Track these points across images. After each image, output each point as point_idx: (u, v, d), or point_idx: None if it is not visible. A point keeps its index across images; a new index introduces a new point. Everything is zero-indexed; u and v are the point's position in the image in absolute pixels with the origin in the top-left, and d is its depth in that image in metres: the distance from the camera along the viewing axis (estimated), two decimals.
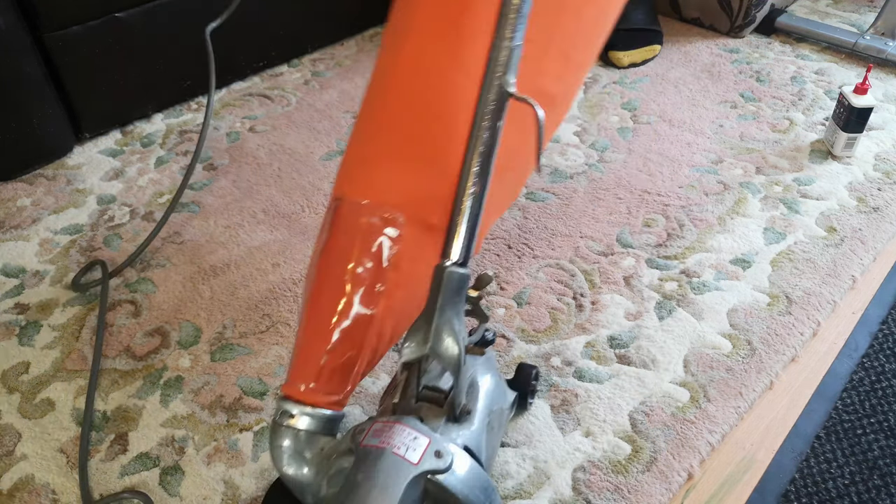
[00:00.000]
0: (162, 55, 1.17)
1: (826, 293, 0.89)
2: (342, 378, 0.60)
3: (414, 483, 0.52)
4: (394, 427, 0.55)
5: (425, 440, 0.54)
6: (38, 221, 1.02)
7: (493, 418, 0.62)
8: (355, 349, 0.60)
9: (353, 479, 0.53)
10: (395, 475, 0.52)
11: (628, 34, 1.35)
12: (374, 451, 0.53)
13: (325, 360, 0.59)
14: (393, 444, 0.54)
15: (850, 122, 1.07)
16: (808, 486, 0.71)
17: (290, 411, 0.58)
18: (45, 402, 0.79)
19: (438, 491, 0.53)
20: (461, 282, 0.54)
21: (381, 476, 0.52)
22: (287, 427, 0.58)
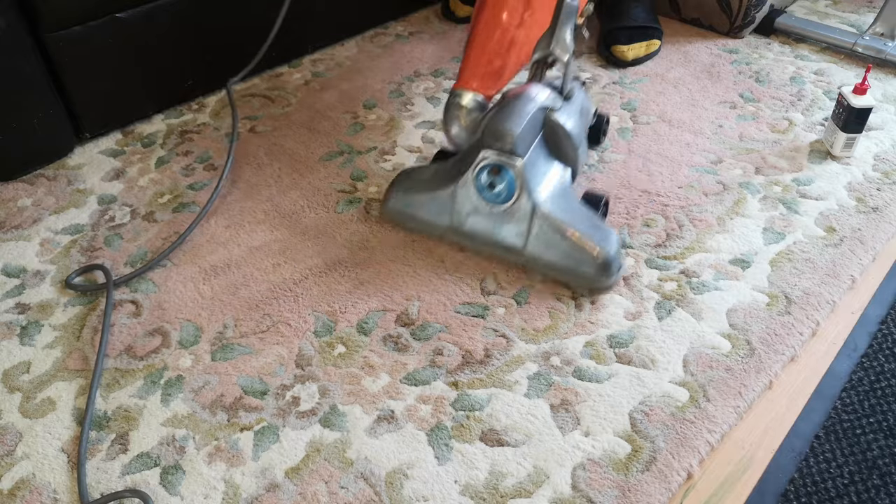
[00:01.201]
0: (162, 55, 1.17)
1: (825, 293, 0.89)
2: (495, 80, 0.94)
3: (538, 113, 0.88)
4: (529, 85, 0.91)
5: (548, 91, 0.91)
6: (39, 221, 1.02)
7: (583, 109, 0.99)
8: (504, 61, 0.94)
9: (503, 103, 0.88)
10: (525, 103, 0.88)
11: (630, 31, 1.35)
12: (516, 93, 0.89)
13: (486, 67, 0.93)
14: (529, 89, 0.90)
15: (849, 122, 1.07)
16: (807, 485, 0.71)
17: (459, 94, 0.93)
18: (46, 402, 0.79)
19: (554, 124, 0.90)
20: (573, 7, 0.87)
21: (518, 104, 0.87)
22: (457, 104, 0.93)
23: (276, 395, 0.79)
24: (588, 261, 0.86)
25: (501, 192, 0.86)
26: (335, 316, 0.88)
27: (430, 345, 0.84)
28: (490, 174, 0.86)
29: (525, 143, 0.86)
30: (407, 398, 0.78)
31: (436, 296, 0.90)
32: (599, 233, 0.87)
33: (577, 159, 0.93)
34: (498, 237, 0.89)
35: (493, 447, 0.74)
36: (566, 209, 0.88)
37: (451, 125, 0.93)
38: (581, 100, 0.98)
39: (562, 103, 0.91)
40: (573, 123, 0.91)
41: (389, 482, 0.71)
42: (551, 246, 0.87)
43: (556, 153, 0.91)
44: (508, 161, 0.85)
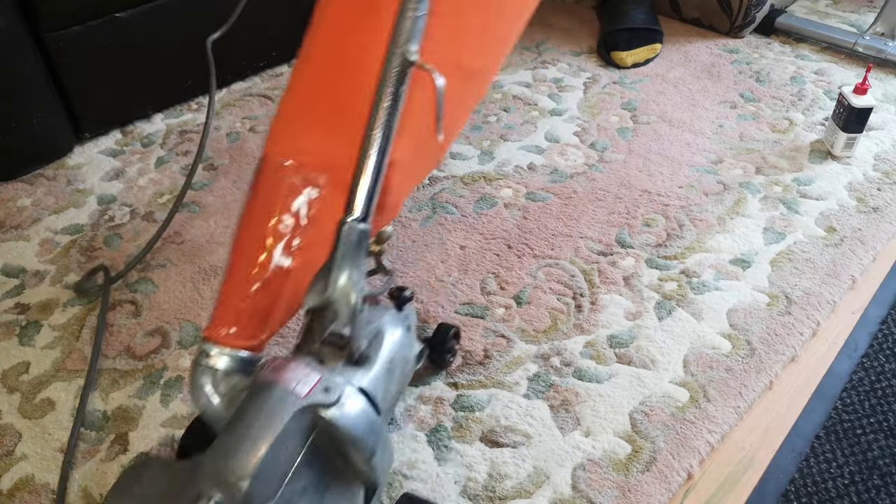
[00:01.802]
0: (162, 55, 1.17)
1: (826, 293, 0.89)
2: (260, 324, 0.64)
3: (300, 415, 0.55)
4: (288, 364, 0.58)
5: (316, 376, 0.57)
6: (39, 221, 1.02)
7: (395, 366, 0.66)
8: (272, 298, 0.64)
9: (243, 408, 0.56)
10: (281, 406, 0.55)
11: (630, 34, 1.35)
12: (266, 384, 0.57)
13: (245, 307, 0.63)
14: (284, 379, 0.57)
15: (849, 122, 1.07)
16: (807, 485, 0.71)
17: (209, 352, 0.62)
18: (46, 402, 0.79)
19: (327, 426, 0.56)
20: (361, 235, 0.59)
21: (269, 405, 0.55)
22: (206, 367, 0.61)
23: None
24: None
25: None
26: None
27: None
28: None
29: (272, 480, 0.55)
30: (407, 398, 0.78)
31: (436, 296, 0.90)
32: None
33: (374, 469, 0.59)
34: None
35: (492, 448, 0.74)
36: None
37: (199, 395, 0.61)
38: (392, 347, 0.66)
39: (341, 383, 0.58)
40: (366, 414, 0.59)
41: (389, 482, 0.71)
42: None
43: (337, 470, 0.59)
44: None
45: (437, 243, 0.97)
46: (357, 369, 0.62)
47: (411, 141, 0.61)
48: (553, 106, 1.24)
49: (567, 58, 1.37)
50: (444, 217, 1.01)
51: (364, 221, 0.59)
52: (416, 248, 0.97)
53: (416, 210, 1.03)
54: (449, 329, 0.79)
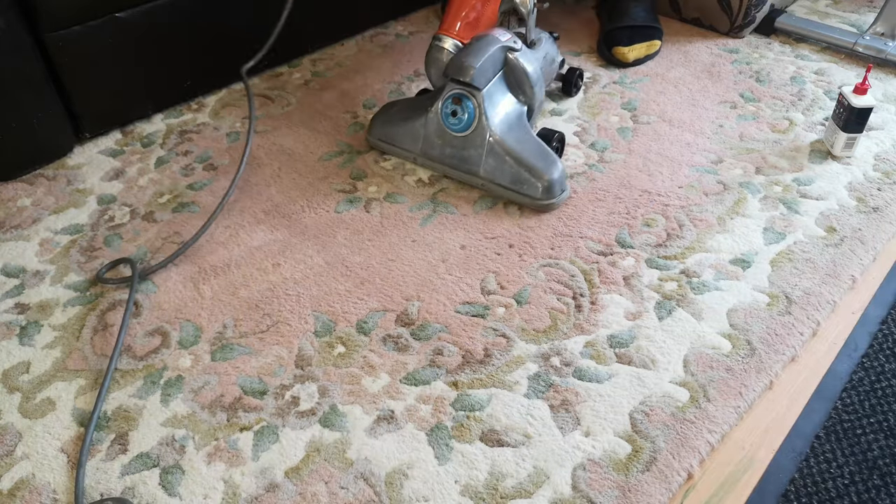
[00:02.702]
0: (162, 55, 1.17)
1: (826, 293, 0.89)
2: (472, 29, 1.06)
3: (500, 49, 1.03)
4: (496, 30, 1.05)
5: (511, 35, 1.05)
6: (39, 221, 1.02)
7: (548, 58, 1.15)
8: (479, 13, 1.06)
9: (471, 43, 1.03)
10: (492, 41, 1.02)
11: (631, 31, 1.35)
12: (483, 34, 1.04)
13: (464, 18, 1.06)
14: (493, 32, 1.04)
15: (849, 122, 1.07)
16: (807, 485, 0.71)
17: (443, 39, 1.05)
18: (46, 402, 0.79)
19: (514, 60, 1.04)
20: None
21: (485, 41, 1.02)
22: (440, 48, 1.05)
23: (276, 395, 0.79)
24: (533, 183, 0.99)
25: (462, 120, 1.00)
26: (335, 316, 0.88)
27: (429, 345, 0.84)
28: (453, 104, 1.00)
29: (484, 77, 1.00)
30: (407, 398, 0.78)
31: (436, 296, 0.90)
32: (545, 160, 1.00)
33: (534, 97, 1.05)
34: (459, 161, 1.03)
35: (493, 447, 0.74)
36: (518, 138, 1.02)
37: (432, 66, 1.06)
38: (547, 49, 1.13)
39: (523, 47, 1.05)
40: (533, 65, 1.04)
41: (389, 482, 0.71)
42: (502, 169, 1.01)
43: (514, 89, 1.05)
44: (469, 92, 1.00)
45: (437, 243, 0.97)
46: (531, 50, 1.08)
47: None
48: (553, 106, 1.24)
49: (567, 57, 1.36)
50: (444, 217, 1.01)
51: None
52: (416, 247, 0.97)
53: (416, 210, 1.03)
54: (576, 70, 1.24)
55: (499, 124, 1.01)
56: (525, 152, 1.00)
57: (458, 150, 1.03)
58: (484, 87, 1.00)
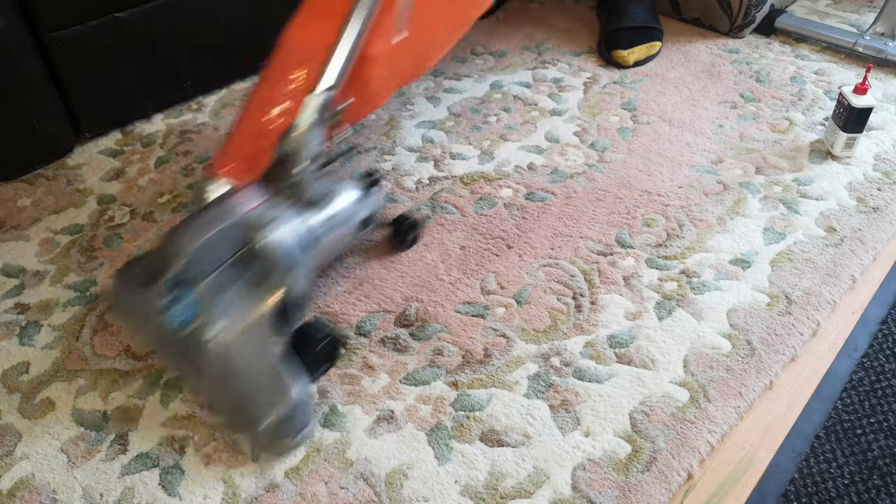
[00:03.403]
0: (162, 55, 1.17)
1: (826, 293, 0.89)
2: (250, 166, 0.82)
3: (237, 225, 0.73)
4: (243, 190, 0.77)
5: (259, 202, 0.75)
6: (39, 221, 1.02)
7: (337, 221, 0.84)
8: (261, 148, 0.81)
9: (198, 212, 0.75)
10: (224, 214, 0.73)
11: (630, 32, 1.35)
12: (221, 198, 0.76)
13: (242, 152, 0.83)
14: (235, 198, 0.75)
15: (849, 122, 1.07)
16: (807, 485, 0.71)
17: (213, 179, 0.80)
18: (46, 402, 0.79)
19: (258, 245, 0.73)
20: (322, 105, 0.77)
21: (215, 212, 0.74)
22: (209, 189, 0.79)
23: None
24: (253, 417, 0.72)
25: (177, 315, 0.72)
26: (335, 316, 0.87)
27: (429, 345, 0.84)
28: (167, 290, 0.73)
29: (206, 263, 0.71)
30: (407, 398, 0.78)
31: (435, 296, 0.90)
32: (273, 392, 0.72)
33: (290, 286, 0.75)
34: (184, 366, 0.77)
35: (493, 447, 0.74)
36: (250, 353, 0.72)
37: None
38: (340, 207, 0.83)
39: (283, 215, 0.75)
40: (289, 244, 0.74)
41: (389, 482, 0.71)
42: (222, 391, 0.75)
43: (257, 279, 0.74)
44: (185, 282, 0.71)
45: (436, 243, 0.97)
46: (304, 210, 0.79)
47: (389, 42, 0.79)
48: (553, 106, 1.24)
49: (567, 58, 1.37)
50: (444, 217, 1.01)
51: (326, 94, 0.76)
52: (415, 247, 0.97)
53: (416, 210, 1.03)
54: (406, 219, 0.95)
55: (225, 329, 0.71)
56: (252, 375, 0.72)
57: (180, 349, 0.74)
58: (204, 278, 0.71)
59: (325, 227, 0.81)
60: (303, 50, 0.83)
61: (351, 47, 0.77)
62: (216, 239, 0.72)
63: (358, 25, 0.77)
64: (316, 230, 0.80)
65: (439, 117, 1.21)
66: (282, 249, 0.74)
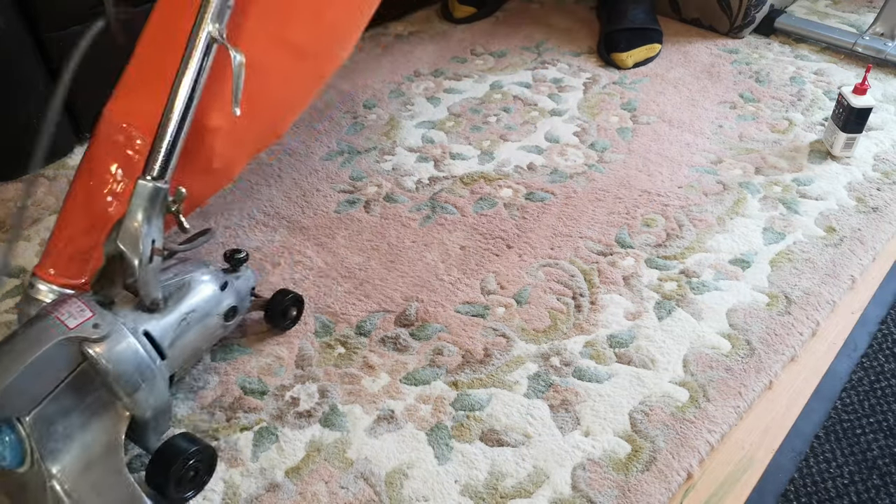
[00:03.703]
0: None
1: (825, 293, 0.89)
2: (81, 265, 0.72)
3: (64, 345, 0.62)
4: (68, 300, 0.65)
5: (89, 313, 0.64)
6: (39, 222, 1.02)
7: (195, 317, 0.72)
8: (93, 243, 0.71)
9: (14, 333, 0.63)
10: (45, 334, 0.62)
11: (630, 33, 1.35)
12: (42, 314, 0.64)
13: (68, 251, 0.72)
14: (58, 311, 0.64)
15: (849, 122, 1.07)
16: (807, 485, 0.71)
17: (36, 285, 0.71)
18: None
19: (90, 358, 0.63)
20: (153, 192, 0.65)
21: (34, 332, 0.63)
22: (34, 298, 0.71)
23: (276, 395, 0.79)
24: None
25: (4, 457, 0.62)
26: (335, 316, 0.88)
27: (429, 345, 0.84)
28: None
29: (26, 397, 0.62)
30: (407, 398, 0.78)
31: (435, 296, 0.90)
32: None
33: (137, 403, 0.65)
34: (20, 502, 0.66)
35: (493, 447, 0.74)
36: (100, 488, 0.64)
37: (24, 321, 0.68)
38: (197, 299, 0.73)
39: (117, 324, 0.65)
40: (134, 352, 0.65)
41: (389, 482, 0.71)
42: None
43: (98, 403, 0.65)
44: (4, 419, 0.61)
45: (437, 243, 0.97)
46: (148, 314, 0.68)
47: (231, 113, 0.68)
48: (553, 106, 1.24)
49: (567, 58, 1.37)
50: (444, 217, 1.02)
51: (159, 180, 0.65)
52: (416, 247, 0.97)
53: (416, 210, 1.03)
54: (285, 296, 0.84)
55: (63, 463, 0.63)
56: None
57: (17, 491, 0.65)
58: (33, 411, 0.62)
59: (177, 330, 0.70)
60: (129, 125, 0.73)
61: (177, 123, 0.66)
62: (38, 365, 0.61)
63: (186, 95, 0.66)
64: (166, 335, 0.69)
65: (439, 117, 1.21)
66: (124, 366, 0.64)
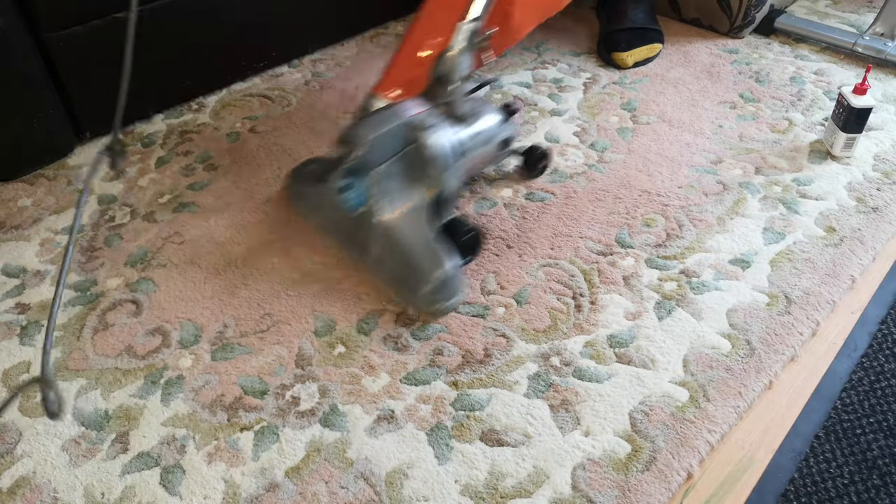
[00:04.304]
0: (162, 55, 1.17)
1: (825, 293, 0.89)
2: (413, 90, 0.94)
3: (404, 126, 0.88)
4: (412, 100, 0.91)
5: (422, 109, 0.90)
6: (39, 221, 1.02)
7: (481, 137, 0.97)
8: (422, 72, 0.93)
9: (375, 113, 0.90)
10: (394, 115, 0.88)
11: (630, 33, 1.35)
12: (391, 104, 0.91)
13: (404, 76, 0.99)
14: (403, 105, 0.90)
15: (849, 122, 1.07)
16: (807, 485, 0.71)
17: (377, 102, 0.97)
18: None
19: (420, 144, 0.87)
20: (470, 32, 0.88)
21: (388, 114, 0.89)
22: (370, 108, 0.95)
23: (276, 394, 0.79)
24: (412, 286, 0.87)
25: (352, 198, 0.89)
26: (335, 316, 0.88)
27: (430, 345, 0.84)
28: (344, 177, 0.89)
29: (379, 154, 0.87)
30: (407, 398, 0.78)
31: None
32: (430, 262, 0.86)
33: (442, 184, 0.89)
34: (349, 242, 0.93)
35: (493, 447, 0.74)
36: (410, 231, 0.88)
37: None
38: (484, 126, 0.96)
39: (440, 124, 0.89)
40: (445, 148, 0.88)
41: (389, 482, 0.71)
42: (387, 261, 0.89)
43: (417, 173, 0.89)
44: (361, 169, 0.87)
45: None
46: (456, 124, 0.93)
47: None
48: (553, 106, 1.24)
49: (567, 58, 1.37)
50: None
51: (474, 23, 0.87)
52: None
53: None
54: (538, 149, 1.07)
55: (391, 210, 0.88)
56: (412, 249, 0.87)
57: (350, 229, 0.91)
58: (377, 166, 0.87)
59: (471, 141, 0.94)
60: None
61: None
62: (389, 134, 0.86)
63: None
64: (465, 143, 0.93)
65: None
66: (440, 151, 0.88)
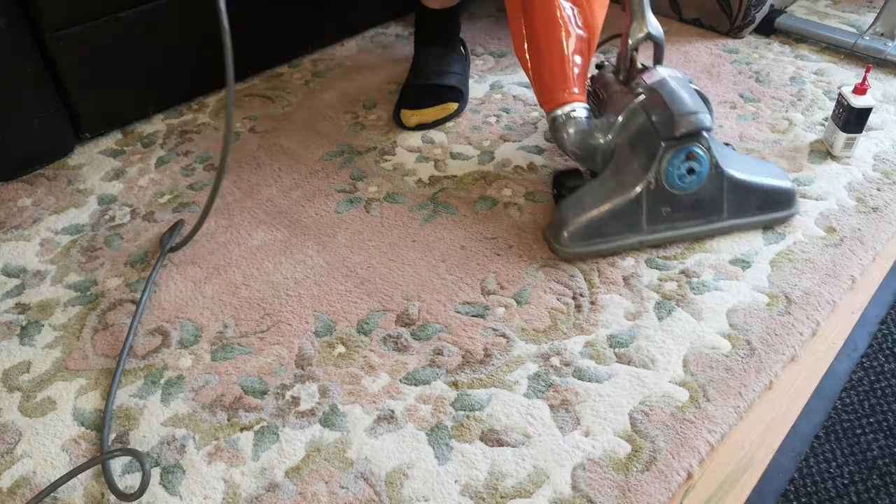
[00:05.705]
0: (162, 55, 1.17)
1: (825, 293, 0.89)
2: (582, 80, 0.94)
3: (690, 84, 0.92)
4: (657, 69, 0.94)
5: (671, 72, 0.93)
6: (39, 221, 1.02)
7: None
8: (585, 59, 0.93)
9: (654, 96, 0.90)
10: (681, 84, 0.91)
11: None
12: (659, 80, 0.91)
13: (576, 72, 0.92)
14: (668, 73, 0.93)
15: (849, 122, 1.07)
16: (807, 485, 0.71)
17: (566, 109, 0.92)
18: (47, 401, 0.79)
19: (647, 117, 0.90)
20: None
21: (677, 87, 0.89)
22: (571, 118, 0.92)
23: (276, 394, 0.79)
24: (783, 199, 0.96)
25: (700, 174, 0.89)
26: (335, 316, 0.88)
27: (430, 345, 0.84)
28: (688, 161, 0.88)
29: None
30: (407, 398, 0.78)
31: (436, 296, 0.90)
32: (774, 173, 0.96)
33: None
34: (694, 217, 0.94)
35: (493, 447, 0.74)
36: (739, 165, 0.93)
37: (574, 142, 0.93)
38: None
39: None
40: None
41: (389, 482, 0.71)
42: (747, 201, 0.94)
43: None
44: (701, 142, 0.88)
45: (437, 243, 0.98)
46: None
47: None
48: None
49: None
50: (444, 217, 1.02)
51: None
52: (416, 247, 0.97)
53: (416, 210, 1.03)
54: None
55: (724, 162, 0.91)
56: (756, 174, 0.94)
57: (690, 207, 0.92)
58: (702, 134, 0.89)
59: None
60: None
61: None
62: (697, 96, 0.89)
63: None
64: None
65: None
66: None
